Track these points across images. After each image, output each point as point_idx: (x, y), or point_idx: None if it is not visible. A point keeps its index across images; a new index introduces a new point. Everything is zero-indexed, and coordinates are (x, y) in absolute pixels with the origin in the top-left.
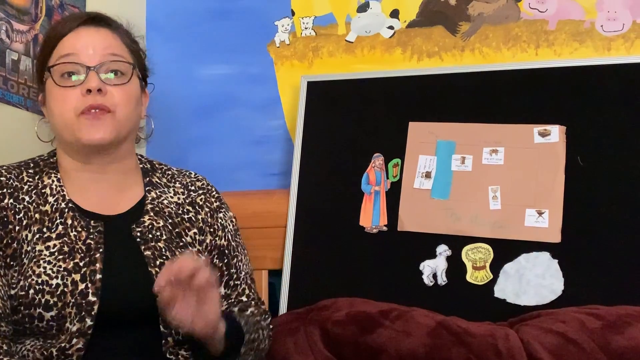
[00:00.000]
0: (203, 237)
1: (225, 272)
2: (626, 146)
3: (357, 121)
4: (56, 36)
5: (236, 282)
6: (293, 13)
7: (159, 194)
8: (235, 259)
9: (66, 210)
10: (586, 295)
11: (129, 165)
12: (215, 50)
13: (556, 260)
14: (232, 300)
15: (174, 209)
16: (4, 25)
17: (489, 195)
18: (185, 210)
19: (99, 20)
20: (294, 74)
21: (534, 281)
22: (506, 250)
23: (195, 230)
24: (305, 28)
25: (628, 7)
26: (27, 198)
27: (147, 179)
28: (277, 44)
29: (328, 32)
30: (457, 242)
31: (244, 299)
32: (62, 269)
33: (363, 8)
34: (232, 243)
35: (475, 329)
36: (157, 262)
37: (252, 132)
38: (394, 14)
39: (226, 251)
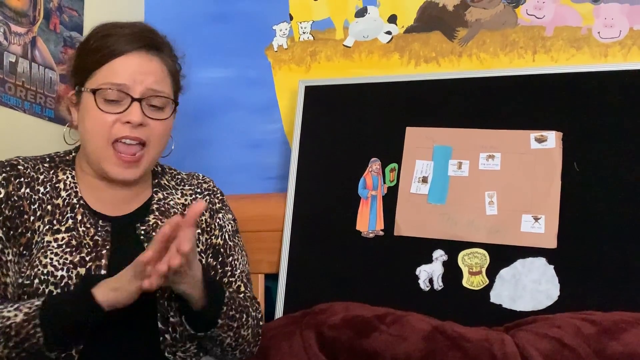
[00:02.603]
0: (204, 238)
1: (220, 270)
2: (622, 152)
3: (354, 126)
4: (107, 51)
5: (230, 279)
6: (291, 17)
7: (165, 195)
8: (231, 258)
9: (77, 206)
10: (582, 301)
11: (145, 176)
12: (213, 54)
13: (552, 266)
14: None
15: (179, 209)
16: (2, 28)
17: (485, 200)
18: None
19: (154, 47)
20: (291, 78)
21: (529, 286)
22: (502, 256)
23: (199, 230)
24: (303, 32)
25: (625, 14)
26: (41, 189)
27: (156, 180)
28: (275, 48)
29: (326, 36)
30: (453, 247)
31: (239, 295)
32: (68, 261)
33: (361, 13)
34: (229, 243)
35: (471, 333)
36: None
37: (250, 135)
38: (392, 19)
39: (221, 250)
